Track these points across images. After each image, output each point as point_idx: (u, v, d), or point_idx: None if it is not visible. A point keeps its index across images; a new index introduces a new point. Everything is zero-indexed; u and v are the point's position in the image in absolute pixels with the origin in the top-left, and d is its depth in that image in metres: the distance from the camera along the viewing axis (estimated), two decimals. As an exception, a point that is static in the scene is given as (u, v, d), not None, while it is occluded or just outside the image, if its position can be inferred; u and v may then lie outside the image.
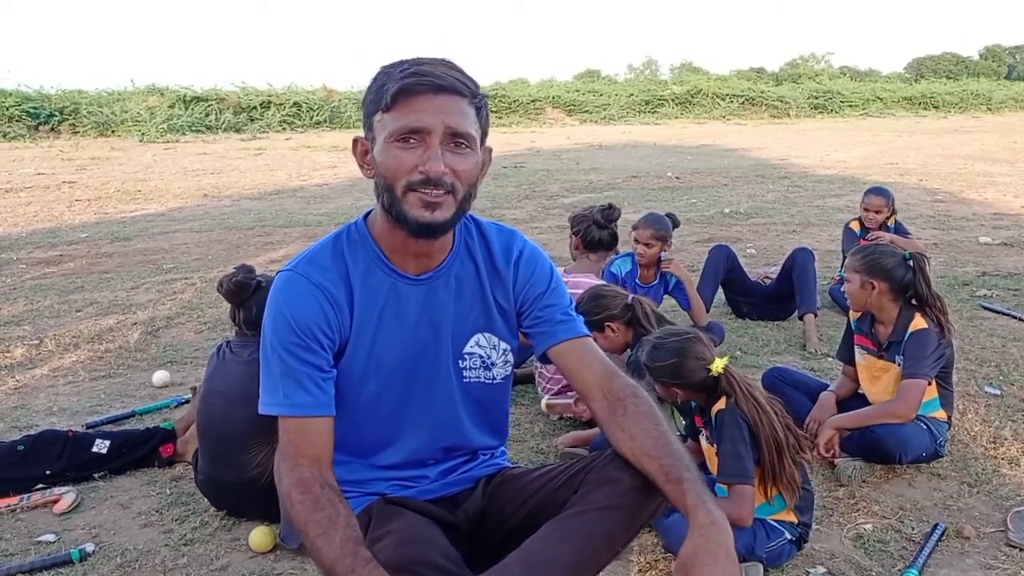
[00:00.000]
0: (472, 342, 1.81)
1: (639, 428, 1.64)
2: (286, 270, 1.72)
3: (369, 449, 1.81)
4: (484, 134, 1.67)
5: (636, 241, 4.36)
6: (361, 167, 1.70)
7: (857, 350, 3.24)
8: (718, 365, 2.46)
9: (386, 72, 1.60)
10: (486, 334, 1.82)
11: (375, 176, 1.64)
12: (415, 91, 1.55)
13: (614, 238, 4.13)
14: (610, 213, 4.05)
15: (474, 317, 1.80)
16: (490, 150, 1.73)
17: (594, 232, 4.05)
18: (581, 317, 1.87)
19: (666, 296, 4.55)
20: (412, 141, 1.56)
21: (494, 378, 1.85)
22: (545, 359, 1.86)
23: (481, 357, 1.82)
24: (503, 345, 1.84)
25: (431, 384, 1.79)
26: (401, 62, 1.60)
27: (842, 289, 3.28)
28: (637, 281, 4.42)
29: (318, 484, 1.62)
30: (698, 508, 1.49)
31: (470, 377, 1.83)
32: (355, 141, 1.70)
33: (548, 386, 3.62)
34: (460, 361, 1.81)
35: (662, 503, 1.68)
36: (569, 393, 3.51)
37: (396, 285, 1.73)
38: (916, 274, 3.04)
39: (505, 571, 1.59)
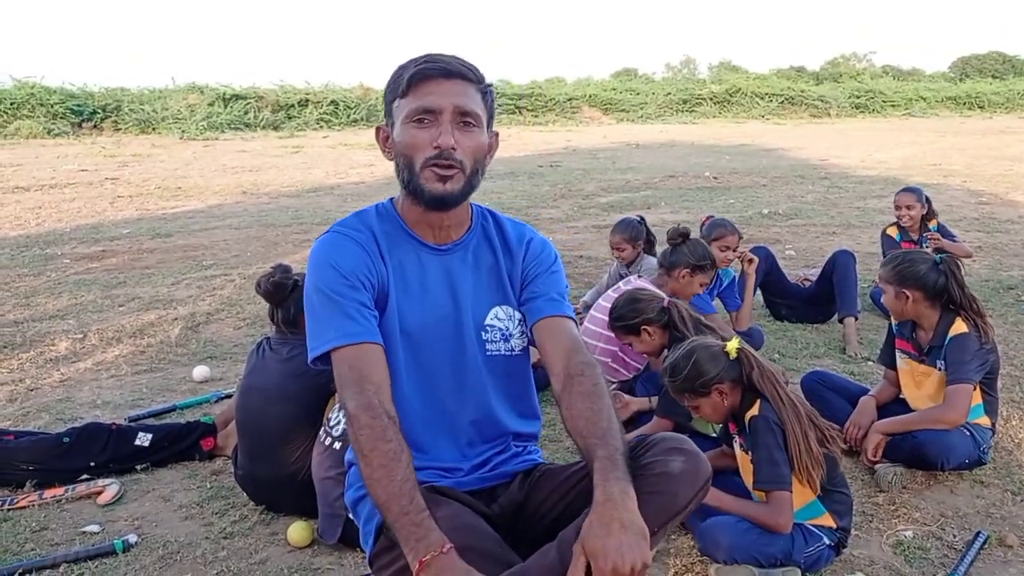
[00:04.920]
0: (491, 315, 1.91)
1: (576, 408, 1.75)
2: (322, 235, 1.86)
3: (407, 425, 1.80)
4: (491, 118, 1.84)
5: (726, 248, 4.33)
6: (383, 151, 1.86)
7: (899, 354, 3.19)
8: (732, 346, 2.51)
9: (402, 66, 1.79)
10: (504, 307, 1.93)
11: (395, 156, 1.80)
12: (427, 76, 1.74)
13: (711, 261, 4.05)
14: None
15: (491, 290, 1.92)
16: (496, 134, 1.89)
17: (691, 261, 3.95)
18: (570, 305, 1.96)
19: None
20: (426, 120, 1.74)
21: (513, 349, 1.94)
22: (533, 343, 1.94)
23: (501, 330, 1.92)
24: (517, 315, 1.94)
25: (457, 354, 1.87)
26: (416, 56, 1.79)
27: (883, 300, 3.25)
28: None
29: (385, 414, 1.67)
30: (598, 487, 1.56)
31: (492, 351, 1.91)
32: (378, 129, 1.89)
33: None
34: (483, 333, 1.90)
35: (699, 494, 1.71)
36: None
37: (419, 252, 1.86)
38: (949, 278, 2.99)
39: (544, 556, 1.63)
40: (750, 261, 4.39)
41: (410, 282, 1.84)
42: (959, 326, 2.96)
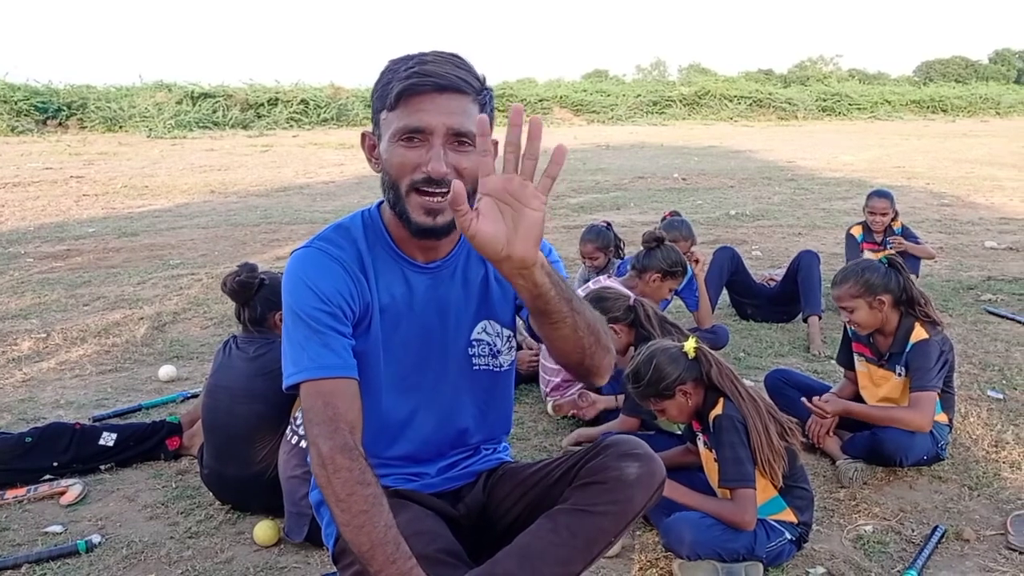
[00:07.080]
0: (479, 329, 1.84)
1: None
2: (301, 248, 1.73)
3: (377, 439, 1.80)
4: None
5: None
6: (369, 161, 1.73)
7: (856, 357, 3.24)
8: (690, 346, 2.54)
9: (392, 69, 1.62)
10: (491, 321, 1.85)
11: (381, 172, 1.67)
12: (418, 91, 1.57)
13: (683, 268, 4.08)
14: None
15: (478, 305, 1.83)
16: (496, 143, 1.72)
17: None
18: None
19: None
20: (415, 140, 1.58)
21: (500, 365, 1.88)
22: (533, 333, 1.85)
23: (489, 344, 1.85)
24: (506, 332, 1.88)
25: (441, 371, 1.81)
26: (407, 58, 1.62)
27: (844, 320, 3.18)
28: None
29: (361, 456, 1.57)
30: None
31: (479, 365, 1.85)
32: (363, 136, 1.74)
33: (550, 379, 3.64)
34: (469, 348, 1.83)
35: (654, 497, 1.71)
36: (571, 391, 3.53)
37: (405, 272, 1.76)
38: (902, 273, 3.05)
39: (498, 565, 1.63)
40: (696, 261, 4.45)
41: (397, 303, 1.74)
42: (919, 332, 2.99)
